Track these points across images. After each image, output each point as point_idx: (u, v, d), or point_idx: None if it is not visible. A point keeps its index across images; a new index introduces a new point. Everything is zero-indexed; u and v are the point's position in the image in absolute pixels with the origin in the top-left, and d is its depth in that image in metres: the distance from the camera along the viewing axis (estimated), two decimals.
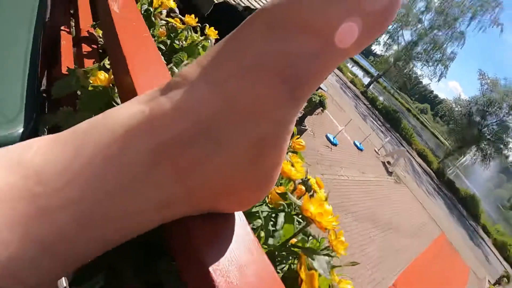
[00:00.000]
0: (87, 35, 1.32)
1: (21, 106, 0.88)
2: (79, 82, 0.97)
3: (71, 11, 2.00)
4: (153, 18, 1.36)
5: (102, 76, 0.82)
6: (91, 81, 0.86)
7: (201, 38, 1.42)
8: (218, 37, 1.43)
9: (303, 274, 0.66)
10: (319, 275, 0.68)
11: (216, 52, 0.39)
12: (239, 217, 0.50)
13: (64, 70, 1.38)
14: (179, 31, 1.40)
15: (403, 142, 35.65)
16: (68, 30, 1.73)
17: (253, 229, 0.53)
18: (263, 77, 0.37)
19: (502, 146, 42.01)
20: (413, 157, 35.34)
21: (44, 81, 1.35)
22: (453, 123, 44.16)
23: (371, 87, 44.91)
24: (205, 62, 0.39)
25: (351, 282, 0.79)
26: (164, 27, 1.40)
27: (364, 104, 38.09)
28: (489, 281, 20.28)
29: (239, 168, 0.40)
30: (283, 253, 0.71)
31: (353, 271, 8.30)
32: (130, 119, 0.36)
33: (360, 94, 40.79)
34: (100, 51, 1.30)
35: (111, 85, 0.85)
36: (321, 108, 14.97)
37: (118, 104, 0.87)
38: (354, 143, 19.65)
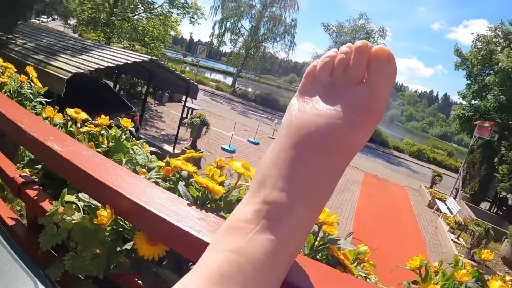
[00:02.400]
0: (23, 180, 1.35)
1: (28, 274, 0.92)
2: (61, 228, 1.05)
3: None
4: (77, 137, 1.45)
5: (105, 213, 0.90)
6: (94, 222, 0.93)
7: (118, 132, 1.52)
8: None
9: (340, 255, 0.92)
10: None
11: (284, 176, 0.53)
12: None
13: (10, 223, 1.42)
14: (97, 135, 1.50)
15: None
16: None
17: None
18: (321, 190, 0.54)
19: None
20: None
21: None
22: None
23: (236, 84, 45.65)
24: (280, 184, 0.53)
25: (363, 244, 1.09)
26: (84, 137, 1.49)
27: (238, 102, 38.86)
28: (425, 186, 21.65)
29: None
30: (313, 254, 0.90)
31: None
32: (265, 249, 0.49)
33: (230, 95, 41.41)
34: (40, 187, 1.35)
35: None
36: (205, 126, 15.14)
37: (126, 229, 0.97)
38: (249, 141, 20.12)
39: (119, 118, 1.62)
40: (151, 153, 1.54)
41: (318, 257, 0.95)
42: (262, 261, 0.48)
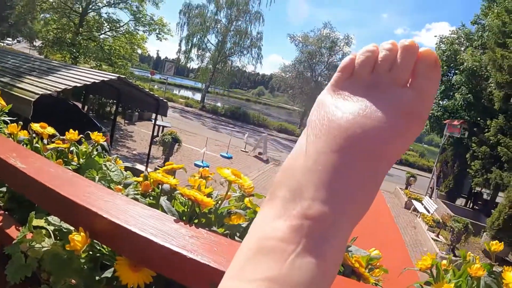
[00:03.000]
0: None
1: None
2: (30, 257, 0.91)
3: None
4: (44, 154, 1.32)
5: (78, 237, 0.77)
6: (67, 248, 0.80)
7: (89, 147, 1.40)
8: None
9: (355, 263, 0.88)
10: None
11: (327, 185, 0.44)
12: None
13: None
14: (66, 151, 1.38)
15: (260, 129, 36.95)
16: None
17: None
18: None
19: None
20: (276, 136, 36.92)
21: None
22: (290, 88, 47.03)
23: (205, 99, 45.89)
24: (323, 195, 0.43)
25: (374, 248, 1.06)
26: (52, 154, 1.37)
27: (209, 117, 39.08)
28: (400, 188, 22.06)
29: None
30: None
31: None
32: (310, 276, 0.39)
33: (200, 111, 41.60)
34: (6, 212, 1.22)
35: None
36: (177, 143, 15.07)
37: (104, 254, 0.84)
38: (222, 156, 20.19)
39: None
40: (126, 169, 1.42)
41: None
42: (309, 283, 0.38)
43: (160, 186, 1.02)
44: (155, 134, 16.08)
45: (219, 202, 0.99)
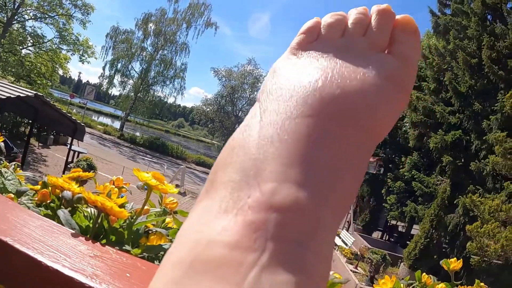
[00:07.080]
0: None
1: None
2: None
3: None
4: None
5: None
6: None
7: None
8: None
9: None
10: None
11: (300, 159, 0.28)
12: None
13: None
14: None
15: (178, 161, 37.13)
16: None
17: None
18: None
19: None
20: (194, 169, 37.12)
21: None
22: (211, 122, 48.27)
23: (124, 128, 45.97)
24: (295, 173, 0.28)
25: None
26: None
27: (126, 146, 38.86)
28: None
29: None
30: None
31: None
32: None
33: (118, 139, 41.28)
34: None
35: None
36: (92, 170, 14.63)
37: None
38: (138, 186, 20.10)
39: None
40: (28, 180, 1.19)
41: None
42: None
43: (60, 196, 0.81)
44: (69, 159, 15.48)
45: (135, 215, 0.79)
